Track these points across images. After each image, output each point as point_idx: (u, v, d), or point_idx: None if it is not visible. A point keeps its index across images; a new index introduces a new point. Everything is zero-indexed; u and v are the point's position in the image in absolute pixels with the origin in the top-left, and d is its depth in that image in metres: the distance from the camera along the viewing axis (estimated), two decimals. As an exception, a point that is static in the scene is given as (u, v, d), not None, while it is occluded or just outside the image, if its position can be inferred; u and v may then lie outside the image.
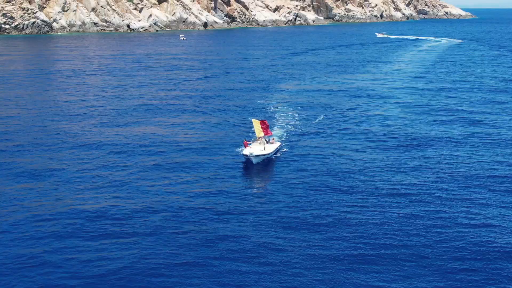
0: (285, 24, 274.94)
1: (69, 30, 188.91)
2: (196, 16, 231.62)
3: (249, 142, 44.22)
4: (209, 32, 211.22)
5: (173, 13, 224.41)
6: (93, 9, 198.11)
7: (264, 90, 77.11)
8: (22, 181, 38.07)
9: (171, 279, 25.34)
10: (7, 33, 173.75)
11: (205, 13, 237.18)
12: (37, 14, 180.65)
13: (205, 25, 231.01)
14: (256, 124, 44.76)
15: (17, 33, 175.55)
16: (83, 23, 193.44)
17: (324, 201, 34.71)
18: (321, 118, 58.27)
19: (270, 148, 43.48)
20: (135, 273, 25.80)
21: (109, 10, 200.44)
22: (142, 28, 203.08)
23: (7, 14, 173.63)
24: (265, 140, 44.37)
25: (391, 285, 24.92)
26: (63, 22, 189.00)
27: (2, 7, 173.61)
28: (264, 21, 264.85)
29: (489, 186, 37.48)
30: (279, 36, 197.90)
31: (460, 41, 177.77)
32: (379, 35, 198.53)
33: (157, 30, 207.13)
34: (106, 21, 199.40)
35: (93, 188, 36.66)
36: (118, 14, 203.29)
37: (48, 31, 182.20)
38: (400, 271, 26.06)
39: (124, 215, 32.11)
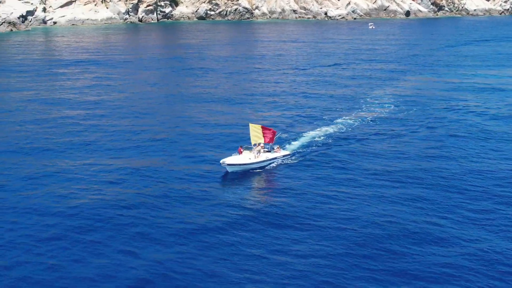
0: (500, 13, 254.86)
1: (269, 17, 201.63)
2: (398, 4, 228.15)
3: (242, 149, 39.97)
4: (408, 21, 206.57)
5: (374, 0, 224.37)
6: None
7: (387, 80, 77.56)
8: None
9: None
10: (212, 18, 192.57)
11: (408, 1, 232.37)
12: (240, 2, 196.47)
13: (407, 13, 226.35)
14: (253, 130, 39.91)
15: (220, 18, 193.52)
16: (283, 10, 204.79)
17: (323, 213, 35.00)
18: (411, 111, 57.87)
19: (261, 157, 39.41)
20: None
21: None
22: (339, 16, 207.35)
23: (213, 1, 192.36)
24: (258, 150, 39.70)
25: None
26: (264, 9, 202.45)
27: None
28: (475, 10, 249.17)
29: None
30: (477, 25, 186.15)
31: None
32: None
33: (355, 18, 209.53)
34: (305, 8, 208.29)
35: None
36: (317, 2, 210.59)
37: (248, 18, 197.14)
38: None
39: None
